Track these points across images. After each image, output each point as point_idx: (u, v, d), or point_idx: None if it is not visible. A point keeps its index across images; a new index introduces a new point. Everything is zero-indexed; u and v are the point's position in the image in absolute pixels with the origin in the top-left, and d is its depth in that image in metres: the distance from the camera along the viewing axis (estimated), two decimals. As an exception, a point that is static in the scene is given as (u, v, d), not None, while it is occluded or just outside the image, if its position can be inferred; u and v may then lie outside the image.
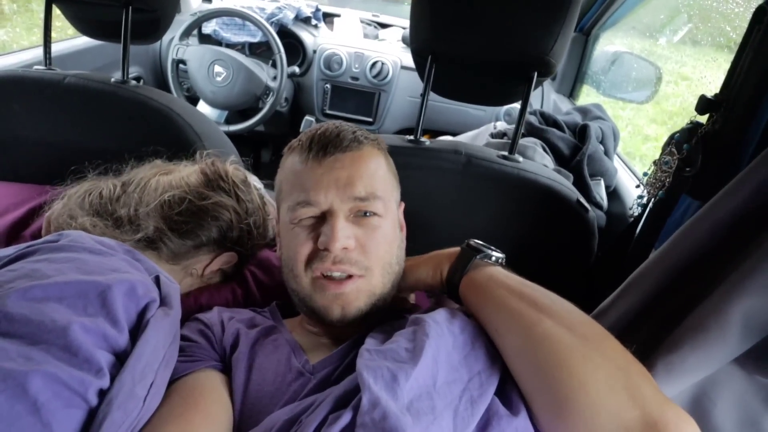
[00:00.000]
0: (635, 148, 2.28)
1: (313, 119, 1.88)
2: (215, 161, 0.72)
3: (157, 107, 0.87)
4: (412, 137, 0.84)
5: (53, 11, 0.94)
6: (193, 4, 2.01)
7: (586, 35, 1.74)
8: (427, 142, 0.84)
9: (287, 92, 1.87)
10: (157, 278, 0.54)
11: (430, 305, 0.65)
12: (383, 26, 2.09)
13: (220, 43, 1.85)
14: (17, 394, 0.37)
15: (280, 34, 1.72)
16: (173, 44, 1.63)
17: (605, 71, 1.62)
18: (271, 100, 1.66)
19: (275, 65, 1.66)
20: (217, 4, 2.04)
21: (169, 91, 1.63)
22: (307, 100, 1.91)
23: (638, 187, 0.75)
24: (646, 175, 0.74)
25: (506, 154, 0.83)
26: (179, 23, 1.64)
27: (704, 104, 0.61)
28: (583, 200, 0.80)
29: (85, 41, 1.51)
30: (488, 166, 0.79)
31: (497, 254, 0.59)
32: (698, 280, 0.54)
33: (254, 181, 1.31)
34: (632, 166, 1.33)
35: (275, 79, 1.66)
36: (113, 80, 0.91)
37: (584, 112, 1.27)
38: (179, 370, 0.52)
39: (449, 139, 1.36)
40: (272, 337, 0.59)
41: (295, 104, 1.94)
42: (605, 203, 1.09)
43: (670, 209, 0.68)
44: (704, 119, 0.64)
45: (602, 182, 1.10)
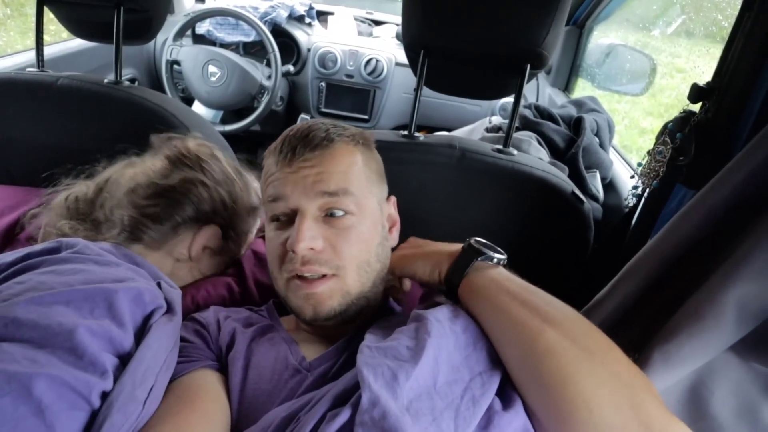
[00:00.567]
0: (632, 141, 2.28)
1: (308, 118, 1.88)
2: (175, 141, 0.71)
3: (150, 107, 0.87)
4: (406, 132, 0.84)
5: (47, 14, 0.94)
6: (186, 4, 2.00)
7: (580, 28, 1.74)
8: (421, 137, 0.84)
9: (282, 91, 1.87)
10: (158, 284, 0.55)
11: (423, 293, 0.65)
12: (377, 23, 2.09)
13: (214, 43, 1.84)
14: (22, 395, 0.37)
15: (273, 33, 1.71)
16: (167, 45, 1.62)
17: (600, 64, 1.61)
18: (266, 99, 1.66)
19: (269, 64, 1.65)
20: (210, 4, 2.03)
21: (164, 92, 1.63)
22: (302, 98, 1.91)
23: (633, 177, 0.75)
24: (640, 165, 0.74)
25: (501, 147, 0.83)
26: (173, 24, 1.64)
27: (696, 92, 0.61)
28: (578, 192, 0.80)
29: (78, 44, 1.51)
30: (483, 159, 0.79)
31: (499, 255, 0.57)
32: (693, 268, 0.54)
33: (251, 180, 1.31)
34: (628, 157, 1.33)
35: (270, 78, 1.66)
36: (106, 81, 0.91)
37: (579, 104, 1.27)
38: (176, 370, 0.52)
39: (445, 134, 1.36)
40: (269, 335, 0.59)
41: (290, 103, 1.94)
42: (601, 195, 1.09)
43: (664, 199, 0.68)
44: (697, 108, 0.64)
45: (598, 174, 1.10)
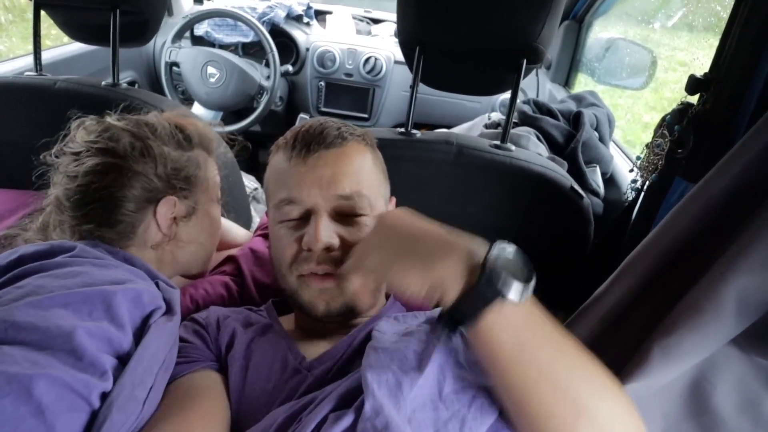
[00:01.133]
0: (635, 136, 2.27)
1: (307, 117, 1.88)
2: (71, 138, 0.64)
3: (147, 109, 0.87)
4: (403, 129, 0.84)
5: (49, 19, 0.94)
6: (185, 6, 2.01)
7: (579, 22, 1.73)
8: (418, 133, 0.83)
9: (281, 91, 1.87)
10: (156, 284, 0.55)
11: None
12: (376, 22, 2.09)
13: (213, 44, 1.85)
14: (22, 396, 0.38)
15: (272, 33, 1.71)
16: (166, 47, 1.63)
17: (600, 58, 1.60)
18: (265, 99, 1.66)
19: (268, 65, 1.65)
20: (208, 5, 2.03)
21: (164, 94, 1.63)
22: (301, 98, 1.91)
23: (632, 171, 0.74)
24: (639, 159, 0.73)
25: (498, 143, 0.82)
26: (171, 26, 1.64)
27: (694, 84, 0.61)
28: (577, 187, 0.79)
29: (77, 48, 1.52)
30: (480, 155, 0.79)
31: (529, 284, 0.41)
32: (692, 261, 0.54)
33: (250, 181, 1.30)
34: (629, 151, 1.32)
35: (269, 78, 1.66)
36: (104, 84, 0.91)
37: (578, 99, 1.26)
38: (176, 371, 0.52)
39: (442, 131, 1.36)
40: (268, 335, 0.59)
41: (289, 103, 1.94)
42: (602, 190, 1.09)
43: (663, 192, 0.67)
44: (695, 99, 0.63)
45: (598, 169, 1.09)
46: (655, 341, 0.53)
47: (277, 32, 1.82)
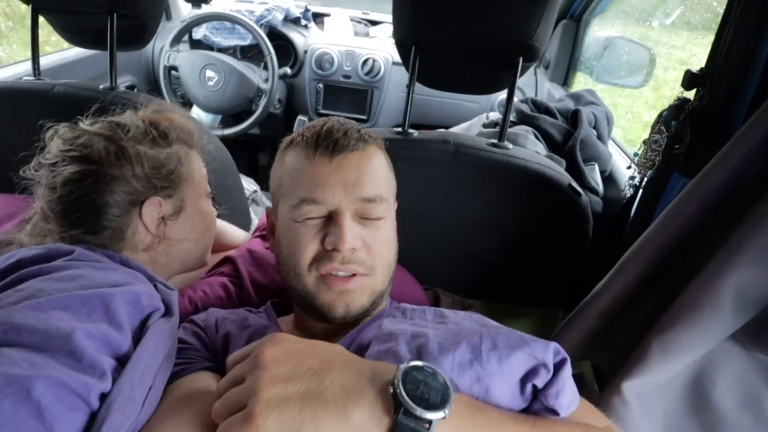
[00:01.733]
0: (636, 135, 2.26)
1: (305, 119, 1.88)
2: (48, 149, 0.62)
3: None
4: (399, 129, 0.84)
5: (48, 26, 0.95)
6: (183, 10, 2.01)
7: (577, 21, 1.73)
8: (415, 133, 0.83)
9: (280, 93, 1.87)
10: (155, 286, 0.55)
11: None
12: (373, 23, 2.09)
13: (211, 47, 1.85)
14: (21, 397, 0.38)
15: (270, 35, 1.72)
16: (164, 51, 1.63)
17: (598, 57, 1.60)
18: (263, 102, 1.66)
19: (267, 67, 1.66)
20: (206, 9, 2.04)
21: (162, 98, 1.64)
22: (300, 100, 1.91)
23: (629, 168, 0.74)
24: (637, 155, 0.73)
25: (495, 141, 0.82)
26: (170, 30, 1.65)
27: (690, 79, 0.61)
28: (575, 184, 0.79)
29: (76, 53, 1.52)
30: (477, 154, 0.79)
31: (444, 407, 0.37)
32: (690, 257, 0.54)
33: (249, 183, 1.30)
34: (627, 149, 1.32)
35: (267, 81, 1.66)
36: (102, 87, 0.92)
37: (577, 98, 1.26)
38: (175, 373, 0.52)
39: (439, 131, 1.36)
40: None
41: (288, 105, 1.94)
42: (601, 188, 1.08)
43: (661, 188, 0.67)
44: (691, 95, 0.63)
45: (597, 167, 1.09)
46: (653, 337, 0.53)
47: (275, 35, 1.83)
